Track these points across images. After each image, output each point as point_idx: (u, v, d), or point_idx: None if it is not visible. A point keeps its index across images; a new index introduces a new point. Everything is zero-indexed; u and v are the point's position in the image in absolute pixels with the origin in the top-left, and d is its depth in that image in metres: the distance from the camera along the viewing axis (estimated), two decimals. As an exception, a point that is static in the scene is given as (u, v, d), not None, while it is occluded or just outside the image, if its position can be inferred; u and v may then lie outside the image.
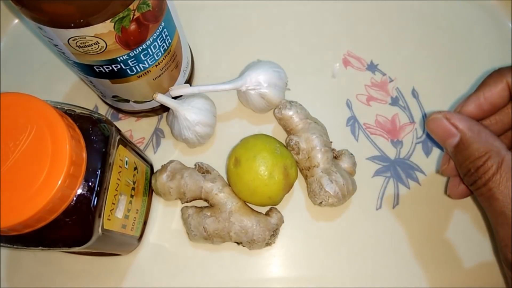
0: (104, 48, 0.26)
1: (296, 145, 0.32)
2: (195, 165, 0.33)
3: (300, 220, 0.33)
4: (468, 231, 0.32)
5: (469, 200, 0.33)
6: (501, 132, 0.28)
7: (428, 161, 0.35)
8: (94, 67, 0.28)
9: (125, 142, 0.28)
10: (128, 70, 0.29)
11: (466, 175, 0.24)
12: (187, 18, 0.38)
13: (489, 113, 0.26)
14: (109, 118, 0.37)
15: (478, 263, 0.31)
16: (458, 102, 0.31)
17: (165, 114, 0.37)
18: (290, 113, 0.33)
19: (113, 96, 0.33)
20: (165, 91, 0.33)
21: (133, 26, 0.25)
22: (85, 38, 0.24)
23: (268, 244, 0.31)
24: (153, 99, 0.32)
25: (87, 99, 0.38)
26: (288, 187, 0.31)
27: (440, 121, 0.25)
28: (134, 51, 0.27)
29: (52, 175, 0.20)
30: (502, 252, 0.24)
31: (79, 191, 0.22)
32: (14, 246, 0.23)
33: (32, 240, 0.23)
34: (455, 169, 0.27)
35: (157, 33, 0.28)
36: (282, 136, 0.35)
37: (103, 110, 0.38)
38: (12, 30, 0.43)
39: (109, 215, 0.25)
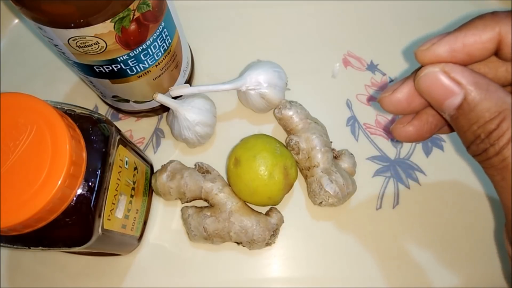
0: (104, 48, 0.26)
1: (296, 145, 0.32)
2: (195, 165, 0.33)
3: (300, 220, 0.33)
4: (469, 231, 0.32)
5: (469, 199, 0.33)
6: None
7: (428, 161, 0.35)
8: (94, 67, 0.28)
9: (125, 142, 0.28)
10: (128, 70, 0.29)
11: (473, 143, 0.20)
12: (187, 18, 0.38)
13: (460, 63, 0.20)
14: (109, 118, 0.37)
15: (479, 263, 0.31)
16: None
17: (165, 114, 0.37)
18: (290, 113, 0.33)
19: (113, 96, 0.33)
20: (165, 91, 0.33)
21: (133, 26, 0.25)
22: (85, 38, 0.24)
23: (268, 244, 0.31)
24: (153, 99, 0.32)
25: (87, 99, 0.38)
26: (288, 187, 0.31)
27: (437, 76, 0.20)
28: (134, 51, 0.27)
29: (52, 175, 0.20)
30: None
31: (79, 191, 0.22)
32: (14, 246, 0.23)
33: (32, 240, 0.23)
34: (398, 106, 0.22)
35: (157, 33, 0.28)
36: (282, 136, 0.35)
37: (103, 110, 0.38)
38: (12, 30, 0.43)
39: (109, 215, 0.25)
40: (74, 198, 0.22)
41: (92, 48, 0.25)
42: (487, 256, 0.31)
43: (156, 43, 0.28)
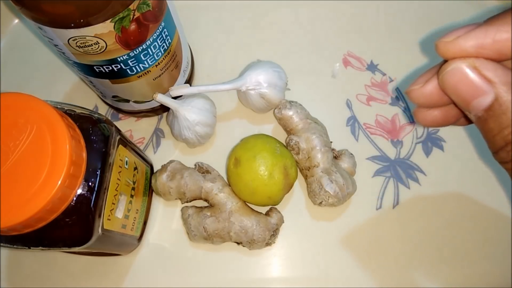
0: (104, 48, 0.26)
1: (296, 145, 0.32)
2: (195, 165, 0.33)
3: (300, 220, 0.33)
4: (469, 231, 0.32)
5: (469, 199, 0.33)
6: None
7: (428, 161, 0.35)
8: (94, 67, 0.28)
9: (125, 142, 0.28)
10: (128, 70, 0.29)
11: (503, 149, 0.18)
12: (187, 18, 0.38)
13: None
14: (109, 118, 0.37)
15: (479, 263, 0.31)
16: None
17: (165, 114, 0.37)
18: (290, 113, 0.33)
19: (113, 96, 0.33)
20: (165, 91, 0.33)
21: (133, 26, 0.25)
22: (85, 38, 0.24)
23: (268, 244, 0.31)
24: (153, 99, 0.32)
25: (87, 99, 0.38)
26: (288, 187, 0.31)
27: (465, 72, 0.18)
28: (134, 51, 0.27)
29: (52, 175, 0.20)
30: None
31: (79, 191, 0.22)
32: (14, 246, 0.23)
33: (32, 240, 0.23)
34: (430, 99, 0.20)
35: (157, 33, 0.28)
36: (282, 136, 0.35)
37: (103, 110, 0.38)
38: (12, 30, 0.43)
39: (109, 215, 0.25)
40: (74, 198, 0.22)
41: (92, 48, 0.25)
42: (488, 256, 0.31)
43: (156, 43, 0.28)
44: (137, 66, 0.29)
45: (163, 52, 0.30)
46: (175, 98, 0.33)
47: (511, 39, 0.17)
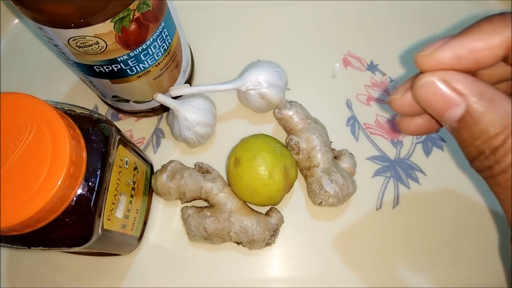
0: (104, 48, 0.26)
1: (296, 145, 0.32)
2: (195, 165, 0.33)
3: (300, 220, 0.33)
4: (469, 231, 0.32)
5: (469, 199, 0.33)
6: None
7: (428, 161, 0.35)
8: (94, 67, 0.28)
9: (125, 142, 0.28)
10: (128, 70, 0.29)
11: (477, 158, 0.18)
12: (187, 18, 0.38)
13: (465, 71, 0.18)
14: (109, 118, 0.37)
15: (479, 263, 0.31)
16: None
17: (165, 114, 0.37)
18: (290, 113, 0.33)
19: (113, 96, 0.33)
20: (165, 91, 0.33)
21: (133, 26, 0.25)
22: (85, 38, 0.24)
23: (268, 244, 0.31)
24: (153, 99, 0.32)
25: (87, 99, 0.38)
26: (288, 187, 0.31)
27: (435, 86, 0.18)
28: (134, 51, 0.27)
29: (52, 175, 0.20)
30: None
31: (79, 191, 0.22)
32: (14, 246, 0.23)
33: (32, 240, 0.23)
34: (411, 108, 0.20)
35: (157, 33, 0.28)
36: (282, 136, 0.35)
37: (103, 110, 0.38)
38: (12, 30, 0.43)
39: (109, 215, 0.25)
40: (74, 198, 0.22)
41: (92, 48, 0.25)
42: (488, 256, 0.31)
43: (156, 43, 0.28)
44: (137, 66, 0.29)
45: (163, 52, 0.30)
46: (175, 98, 0.33)
47: (486, 47, 0.17)
